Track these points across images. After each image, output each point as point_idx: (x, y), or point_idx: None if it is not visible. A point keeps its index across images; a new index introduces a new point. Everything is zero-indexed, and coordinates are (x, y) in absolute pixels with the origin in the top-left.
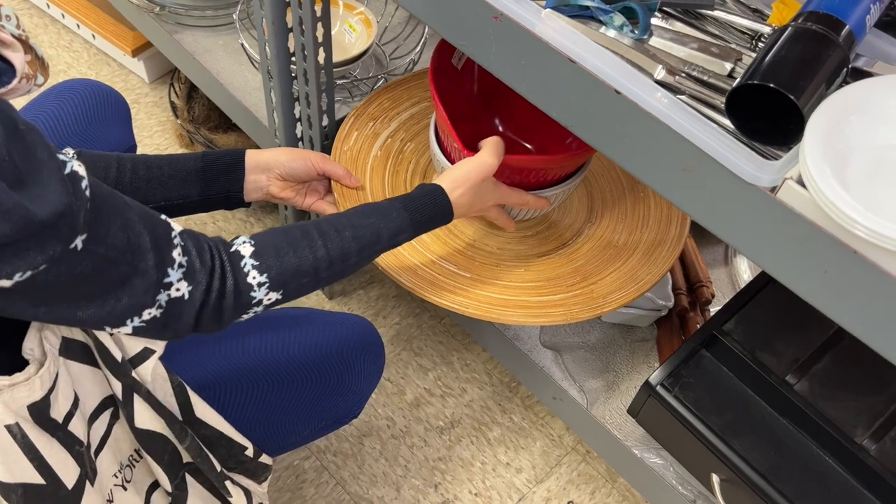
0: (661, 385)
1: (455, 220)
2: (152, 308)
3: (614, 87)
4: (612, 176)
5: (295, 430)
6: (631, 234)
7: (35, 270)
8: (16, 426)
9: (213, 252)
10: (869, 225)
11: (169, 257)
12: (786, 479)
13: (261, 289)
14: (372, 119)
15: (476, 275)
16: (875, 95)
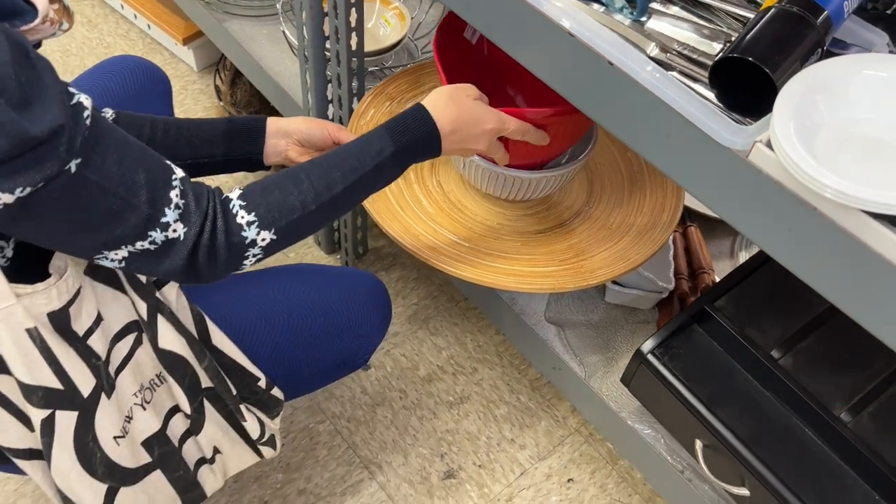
0: (651, 353)
1: (448, 148)
2: (144, 241)
3: (608, 59)
4: (613, 166)
5: (307, 366)
6: (625, 217)
7: (34, 187)
8: (35, 330)
9: (209, 197)
10: (831, 184)
11: (165, 197)
12: (765, 447)
13: (251, 228)
14: (389, 98)
15: (474, 245)
16: (844, 72)
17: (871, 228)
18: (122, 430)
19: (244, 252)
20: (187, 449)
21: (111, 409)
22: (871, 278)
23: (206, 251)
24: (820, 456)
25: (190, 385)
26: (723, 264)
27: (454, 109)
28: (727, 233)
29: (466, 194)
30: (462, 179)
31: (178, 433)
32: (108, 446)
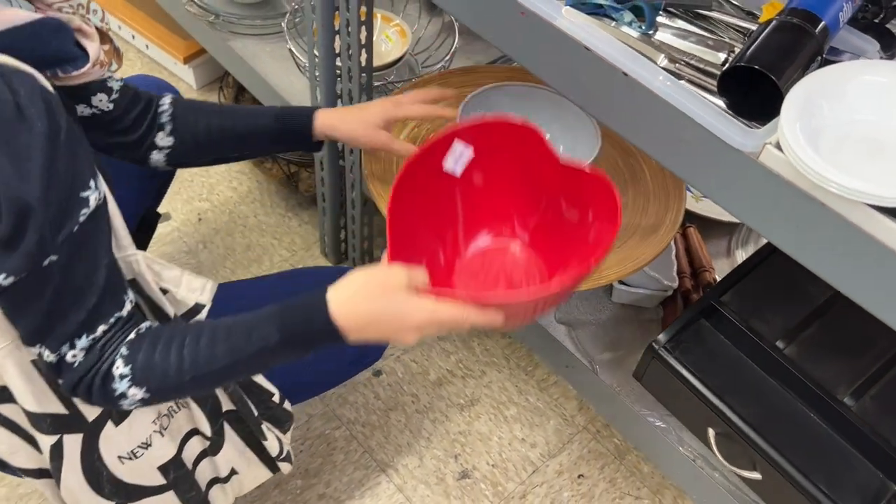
0: (663, 348)
1: (360, 340)
2: (52, 354)
3: (623, 70)
4: (615, 170)
5: (324, 362)
6: (631, 219)
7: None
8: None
9: (113, 336)
10: (836, 179)
11: (93, 327)
12: (775, 432)
13: (123, 381)
14: None
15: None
16: (842, 78)
17: (875, 220)
18: (129, 454)
19: (117, 401)
20: (201, 469)
21: (118, 435)
22: (876, 266)
23: (84, 388)
24: (826, 438)
25: (212, 409)
26: (721, 263)
27: (364, 304)
28: (723, 233)
29: None
30: None
31: (193, 454)
32: (113, 465)
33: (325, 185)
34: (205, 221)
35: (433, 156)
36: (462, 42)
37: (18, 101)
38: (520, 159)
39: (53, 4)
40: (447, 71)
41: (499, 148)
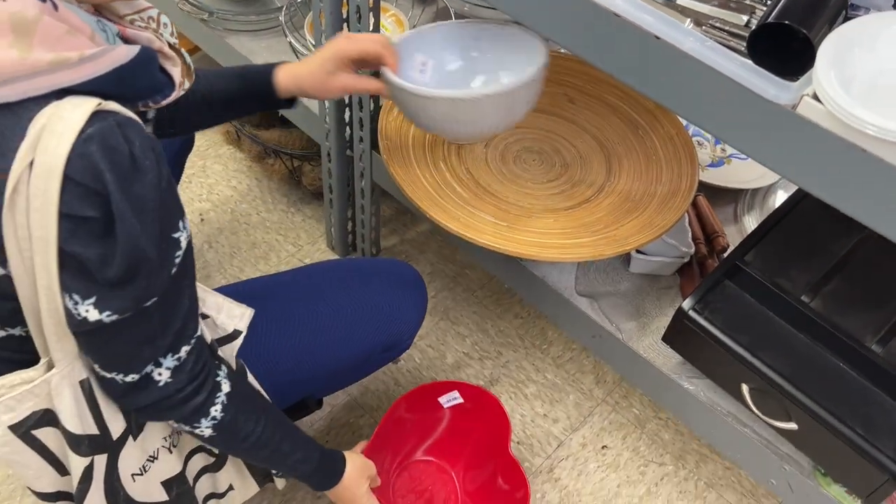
0: (692, 309)
1: (334, 493)
2: (136, 375)
3: (655, 34)
4: (626, 143)
5: (355, 348)
6: (646, 188)
7: (121, 315)
8: (87, 381)
9: (207, 368)
10: (875, 122)
11: (177, 348)
12: (808, 382)
13: (205, 421)
14: None
15: (511, 224)
16: (869, 30)
17: None
18: (140, 469)
19: (186, 425)
20: (200, 484)
21: (134, 450)
22: None
23: (165, 407)
24: (857, 385)
25: None
26: (729, 229)
27: (353, 486)
28: (729, 200)
29: (495, 179)
30: (489, 166)
31: (195, 470)
32: (128, 483)
33: (333, 176)
34: (207, 222)
35: (436, 391)
36: None
37: (133, 152)
38: (487, 429)
39: (125, 17)
40: None
41: (478, 409)
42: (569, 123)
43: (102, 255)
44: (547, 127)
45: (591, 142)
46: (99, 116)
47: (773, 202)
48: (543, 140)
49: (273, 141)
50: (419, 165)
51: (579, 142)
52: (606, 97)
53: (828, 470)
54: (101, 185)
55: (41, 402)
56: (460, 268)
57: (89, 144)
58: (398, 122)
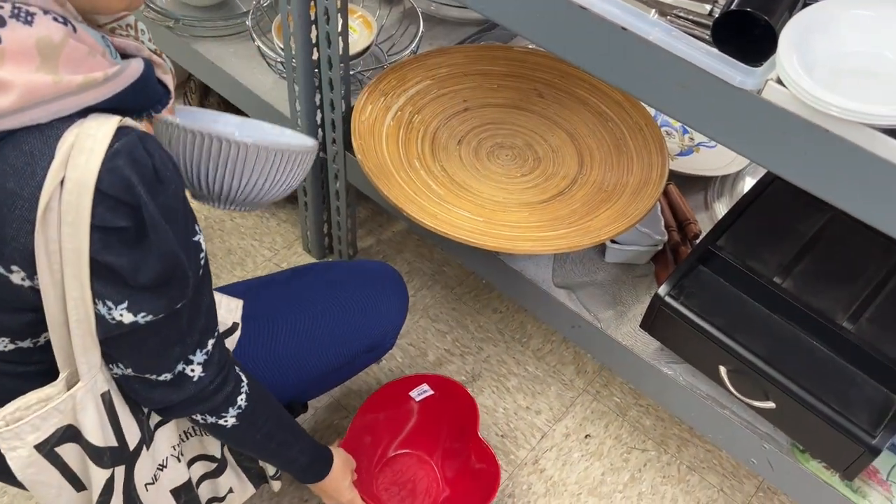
0: (668, 295)
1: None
2: (169, 374)
3: (621, 25)
4: (597, 135)
5: (339, 350)
6: (618, 179)
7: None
8: (108, 394)
9: (230, 362)
10: (838, 103)
11: (205, 342)
12: (784, 361)
13: (231, 410)
14: (383, 94)
15: (487, 219)
16: (829, 14)
17: (875, 139)
18: (152, 478)
19: (213, 416)
20: (201, 490)
21: (147, 460)
22: (880, 183)
23: (200, 397)
24: (831, 362)
25: None
26: (700, 216)
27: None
28: (699, 188)
29: (470, 175)
30: (463, 162)
31: (195, 477)
32: (142, 493)
33: (307, 179)
34: None
35: (409, 384)
36: (425, 27)
37: (155, 164)
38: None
39: (105, 26)
40: (421, 54)
41: (446, 398)
42: (540, 118)
43: (134, 261)
44: (518, 122)
45: (562, 135)
46: (122, 132)
47: (741, 188)
48: (516, 135)
49: None
50: (394, 164)
51: (551, 136)
52: (575, 90)
53: (806, 446)
54: (132, 196)
55: (65, 419)
56: (438, 265)
57: (117, 159)
58: (371, 122)
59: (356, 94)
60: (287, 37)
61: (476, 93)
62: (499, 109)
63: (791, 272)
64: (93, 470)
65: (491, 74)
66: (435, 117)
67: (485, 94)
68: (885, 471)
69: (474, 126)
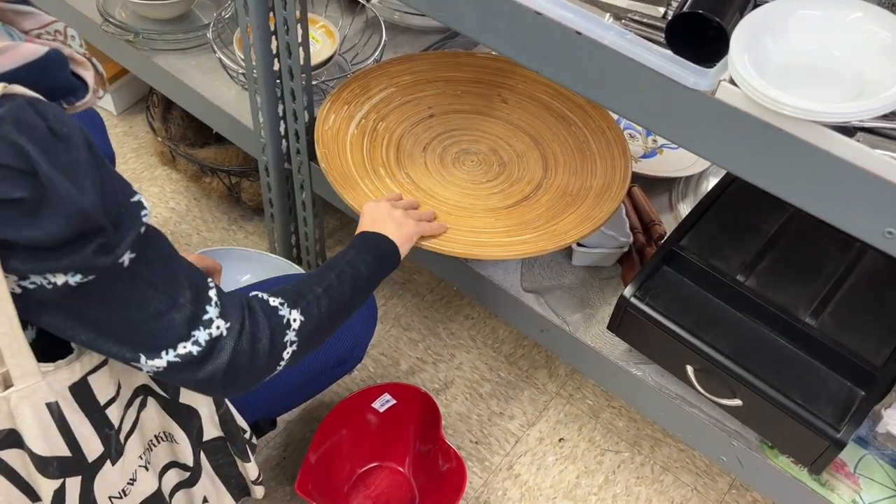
0: (633, 297)
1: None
2: (188, 342)
3: (576, 30)
4: (560, 139)
5: (308, 368)
6: (583, 183)
7: (85, 275)
8: (55, 404)
9: (239, 295)
10: (790, 102)
11: (206, 296)
12: (749, 358)
13: (284, 307)
14: (346, 103)
15: (453, 224)
16: (779, 14)
17: (826, 136)
18: (119, 493)
19: (283, 337)
20: (176, 500)
21: (113, 474)
22: (832, 179)
23: (249, 342)
24: (795, 357)
25: (196, 438)
26: (665, 216)
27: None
28: (663, 189)
29: (435, 182)
30: (428, 169)
31: (169, 486)
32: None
33: (273, 190)
34: None
35: (370, 396)
36: (388, 36)
37: (50, 125)
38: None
39: (31, 31)
40: (385, 62)
41: (407, 403)
42: (504, 123)
43: (40, 229)
44: (483, 128)
45: (526, 140)
46: (6, 99)
47: (705, 187)
48: (480, 141)
49: (209, 159)
50: (358, 172)
51: (515, 141)
52: (538, 95)
53: (774, 442)
54: (25, 162)
55: (4, 422)
56: (408, 273)
57: (2, 126)
58: (335, 130)
59: (320, 104)
60: (247, 48)
61: (440, 99)
62: (463, 115)
63: (754, 270)
64: (39, 479)
65: (455, 81)
66: (399, 124)
67: (449, 101)
68: (853, 464)
69: (439, 132)
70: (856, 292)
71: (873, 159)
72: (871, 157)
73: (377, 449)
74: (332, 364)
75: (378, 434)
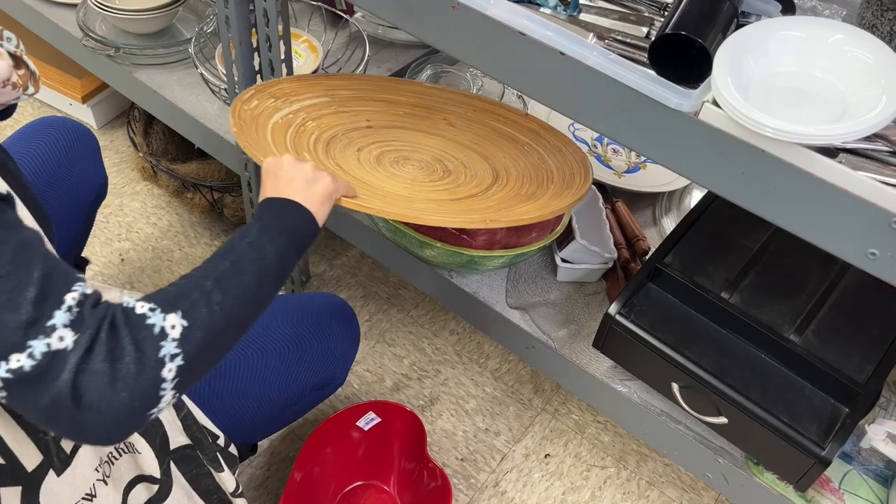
0: (619, 314)
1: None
2: (21, 353)
3: (560, 50)
4: (512, 156)
5: (287, 393)
6: (538, 187)
7: None
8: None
9: (108, 307)
10: (772, 124)
11: (57, 298)
12: (733, 376)
13: (154, 314)
14: (273, 97)
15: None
16: (761, 36)
17: (808, 157)
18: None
19: (156, 352)
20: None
21: (61, 487)
22: (814, 199)
23: (104, 362)
24: (779, 375)
25: (160, 446)
26: (649, 232)
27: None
28: (647, 204)
29: (368, 174)
30: (359, 162)
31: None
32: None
33: (255, 206)
34: (128, 261)
35: (354, 415)
36: (372, 51)
37: None
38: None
39: None
40: (325, 75)
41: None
42: (449, 141)
43: None
44: (426, 142)
45: (474, 156)
46: None
47: (689, 202)
48: (422, 151)
49: (191, 174)
50: (277, 147)
51: (462, 154)
52: (488, 122)
53: (759, 459)
54: None
55: None
56: (393, 289)
57: None
58: (255, 112)
59: None
60: (229, 65)
61: (381, 115)
62: (405, 131)
63: (738, 287)
64: None
65: (398, 103)
66: (332, 127)
67: (389, 118)
68: (837, 479)
69: (377, 140)
70: (839, 309)
71: (856, 181)
72: (853, 179)
73: (362, 467)
74: (312, 387)
75: (363, 452)
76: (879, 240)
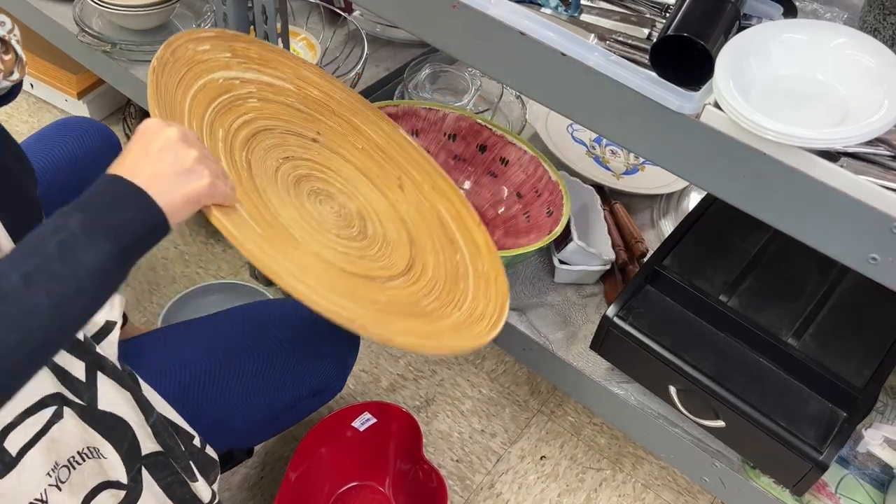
0: (616, 316)
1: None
2: None
3: (560, 51)
4: (438, 258)
5: (283, 397)
6: (441, 306)
7: None
8: None
9: None
10: (774, 127)
11: None
12: (731, 379)
13: None
14: (231, 52)
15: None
16: (763, 38)
17: (810, 161)
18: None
19: None
20: None
21: (3, 491)
22: (815, 203)
23: None
24: (777, 378)
25: (128, 451)
26: (647, 233)
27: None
28: (645, 206)
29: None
30: (275, 173)
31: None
32: None
33: None
34: None
35: (350, 415)
36: (370, 49)
37: None
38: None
39: None
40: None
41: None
42: (388, 203)
43: None
44: (361, 190)
45: (402, 233)
46: None
47: (687, 204)
48: (352, 198)
49: None
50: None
51: (391, 225)
52: (440, 208)
53: (756, 463)
54: None
55: None
56: None
57: None
58: (200, 57)
59: None
60: None
61: (335, 136)
62: (349, 167)
63: (736, 290)
64: None
65: (362, 134)
66: (273, 118)
67: (343, 145)
68: (834, 484)
69: (312, 159)
70: (837, 313)
71: (857, 185)
72: (855, 183)
73: (357, 468)
74: (306, 393)
75: (358, 453)
76: (880, 244)
